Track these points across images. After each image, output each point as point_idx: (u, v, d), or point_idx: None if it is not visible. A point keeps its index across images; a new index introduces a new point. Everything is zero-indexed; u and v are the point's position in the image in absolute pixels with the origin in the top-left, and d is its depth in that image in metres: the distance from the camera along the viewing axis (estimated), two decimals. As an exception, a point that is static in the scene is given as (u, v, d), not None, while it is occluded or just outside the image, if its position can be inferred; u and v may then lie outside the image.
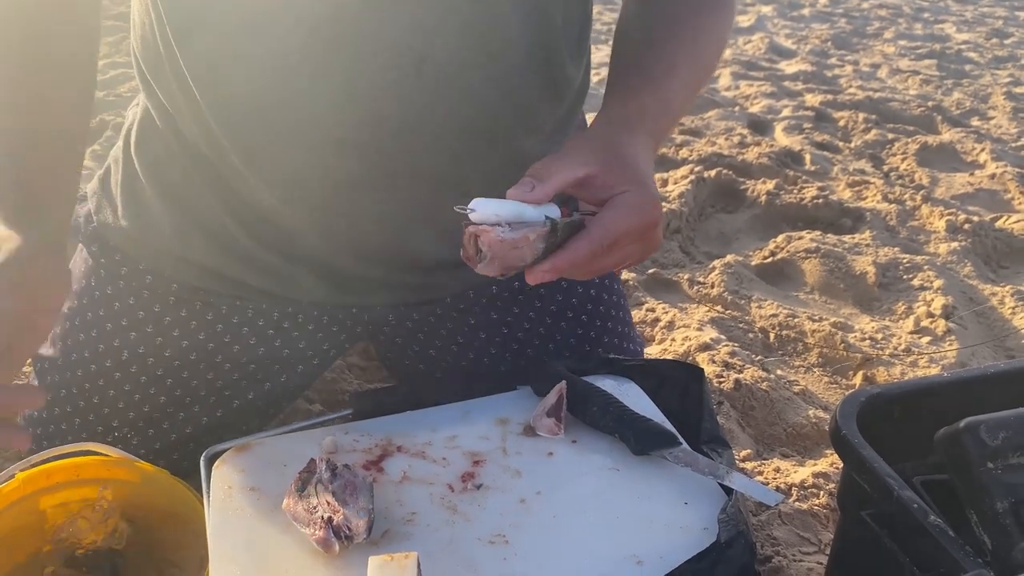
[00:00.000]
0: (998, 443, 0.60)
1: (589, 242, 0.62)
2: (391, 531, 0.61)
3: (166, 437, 0.89)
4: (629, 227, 0.64)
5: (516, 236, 0.57)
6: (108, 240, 0.87)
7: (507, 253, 0.58)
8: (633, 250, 0.66)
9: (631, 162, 0.67)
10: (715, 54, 0.82)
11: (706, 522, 0.62)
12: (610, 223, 0.63)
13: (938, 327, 1.46)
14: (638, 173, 0.66)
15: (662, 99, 0.74)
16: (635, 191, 0.65)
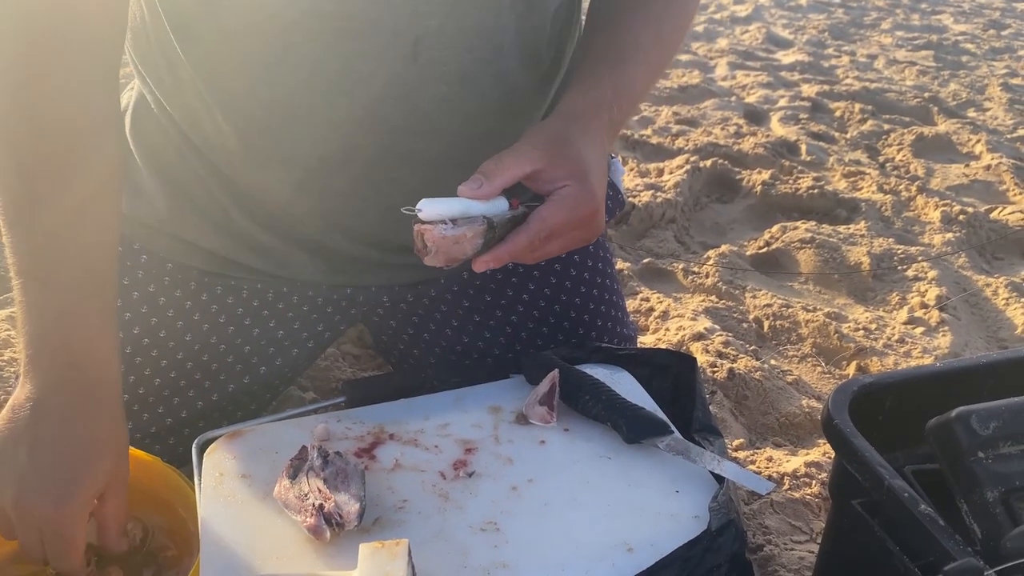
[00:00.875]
0: (989, 433, 0.60)
1: (527, 235, 0.68)
2: (382, 518, 0.61)
3: (160, 420, 0.88)
4: (566, 219, 0.69)
5: (456, 233, 0.63)
6: None
7: (450, 248, 0.64)
8: (574, 237, 0.71)
9: (576, 156, 0.70)
10: (679, 33, 0.86)
11: (697, 510, 0.62)
12: (548, 216, 0.68)
13: (931, 318, 1.46)
14: (581, 166, 0.70)
15: (621, 85, 0.77)
16: (574, 185, 0.69)
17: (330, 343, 1.02)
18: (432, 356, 0.95)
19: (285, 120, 0.75)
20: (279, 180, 0.79)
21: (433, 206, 0.64)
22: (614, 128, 0.78)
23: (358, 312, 0.96)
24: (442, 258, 0.64)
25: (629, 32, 0.80)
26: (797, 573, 0.90)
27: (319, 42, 0.71)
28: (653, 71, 0.83)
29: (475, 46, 0.75)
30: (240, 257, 0.85)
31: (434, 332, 0.94)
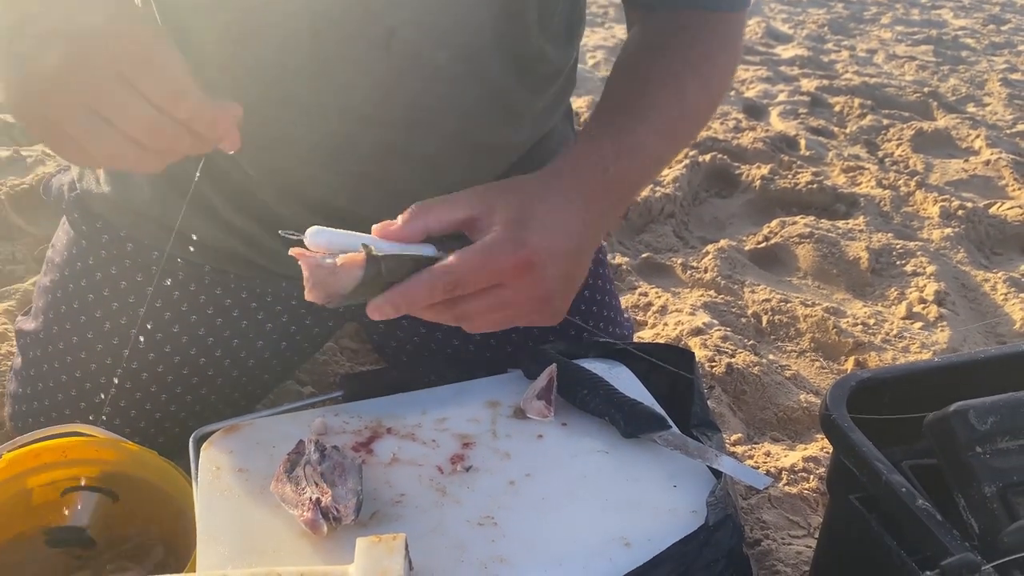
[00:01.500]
0: (987, 428, 0.60)
1: (429, 277, 0.58)
2: (380, 513, 0.61)
3: (149, 416, 0.88)
4: (476, 267, 0.59)
5: (331, 263, 0.56)
6: (90, 207, 0.86)
7: (325, 279, 0.56)
8: (505, 295, 0.61)
9: (519, 203, 0.62)
10: (706, 100, 0.78)
11: (695, 505, 0.62)
12: (456, 259, 0.58)
13: (930, 313, 1.46)
14: (520, 213, 0.61)
15: (626, 144, 0.69)
16: (502, 229, 0.60)
17: (322, 341, 1.02)
18: (424, 356, 0.94)
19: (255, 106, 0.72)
20: (256, 170, 0.78)
21: (321, 236, 0.56)
22: (613, 192, 0.69)
23: (348, 312, 0.95)
24: (320, 293, 0.57)
25: (643, 92, 0.73)
26: (795, 568, 0.90)
27: (289, 23, 0.69)
28: (672, 136, 0.74)
29: (451, 43, 0.72)
30: (226, 248, 0.84)
31: (424, 335, 0.94)
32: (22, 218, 1.47)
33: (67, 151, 0.55)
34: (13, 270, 1.35)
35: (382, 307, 0.58)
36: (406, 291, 0.58)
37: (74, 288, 0.86)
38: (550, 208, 0.63)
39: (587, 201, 0.66)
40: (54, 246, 0.91)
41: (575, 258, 0.65)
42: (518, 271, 0.60)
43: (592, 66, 2.75)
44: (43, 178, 1.55)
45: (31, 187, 1.51)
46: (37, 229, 1.45)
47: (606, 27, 3.30)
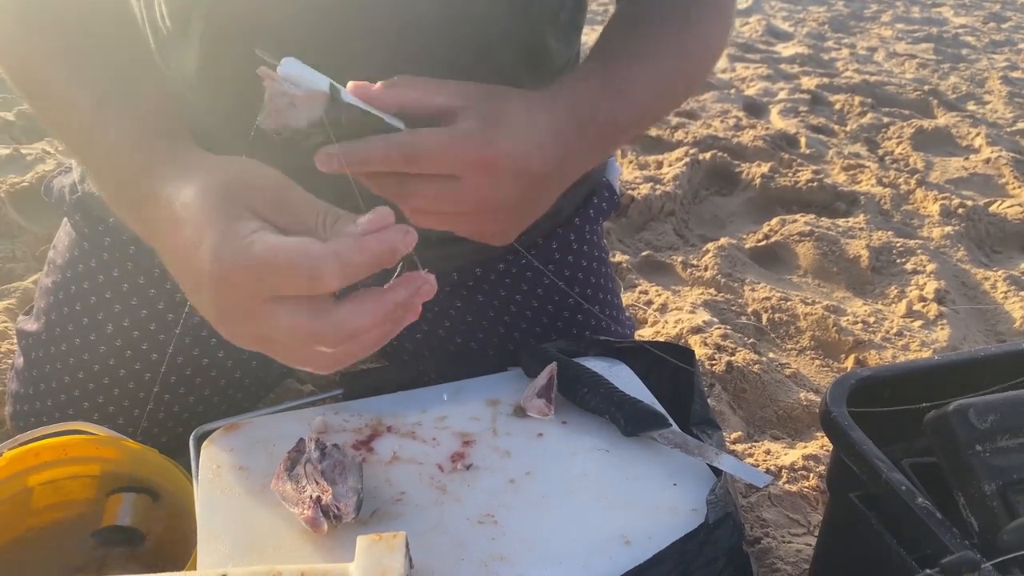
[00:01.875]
0: (986, 426, 0.60)
1: (387, 140, 0.56)
2: (380, 511, 0.61)
3: (152, 416, 0.88)
4: (440, 146, 0.56)
5: (296, 93, 0.53)
6: (92, 209, 0.86)
7: (285, 107, 0.54)
8: (457, 188, 0.58)
9: (503, 111, 0.60)
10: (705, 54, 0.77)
11: (695, 503, 0.62)
12: (421, 133, 0.56)
13: (930, 311, 1.46)
14: (499, 117, 0.59)
15: (618, 86, 0.68)
16: (475, 123, 0.57)
17: None
18: (426, 351, 0.94)
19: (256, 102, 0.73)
20: None
21: (292, 66, 0.54)
22: (599, 129, 0.67)
23: None
24: (275, 120, 0.54)
25: (639, 44, 0.72)
26: (795, 566, 0.90)
27: (304, 18, 0.68)
28: (666, 90, 0.73)
29: (466, 37, 0.72)
30: None
31: (426, 332, 0.94)
32: (22, 216, 1.47)
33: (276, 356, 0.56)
34: (13, 268, 1.35)
35: (333, 156, 0.56)
36: (361, 149, 0.56)
37: (76, 290, 0.86)
38: (531, 123, 0.61)
39: (572, 130, 0.64)
40: (55, 247, 0.91)
41: (541, 182, 0.63)
42: (478, 168, 0.58)
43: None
44: (43, 176, 1.55)
45: (31, 185, 1.51)
46: (37, 227, 1.45)
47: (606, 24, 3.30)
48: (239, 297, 0.49)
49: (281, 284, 0.48)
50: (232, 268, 0.48)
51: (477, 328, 0.92)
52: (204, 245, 0.49)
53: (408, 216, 0.61)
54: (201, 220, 0.50)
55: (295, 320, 0.49)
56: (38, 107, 0.66)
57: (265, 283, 0.48)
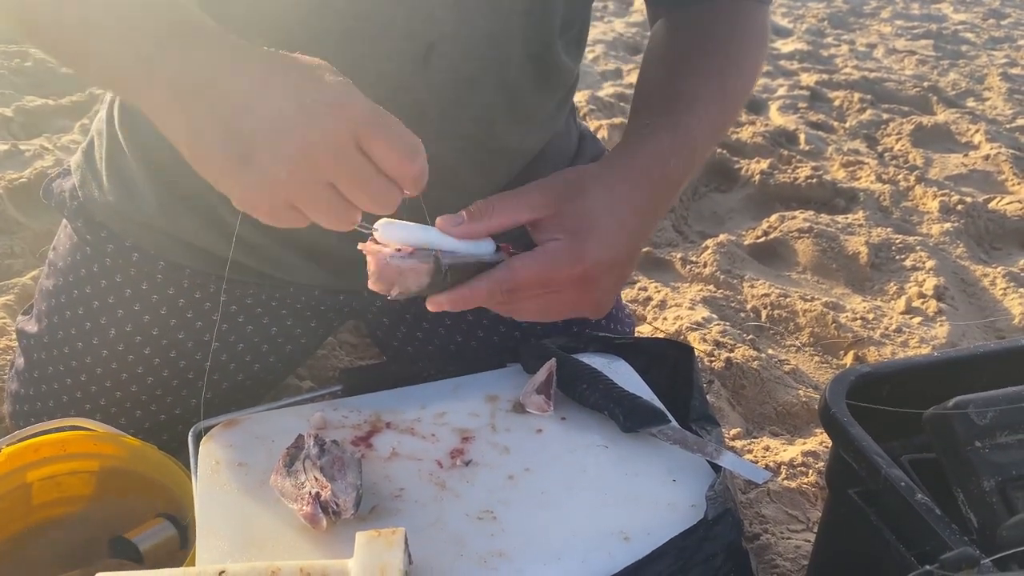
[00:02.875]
0: (986, 422, 0.60)
1: (488, 282, 0.61)
2: (379, 507, 0.61)
3: (154, 417, 0.88)
4: (537, 276, 0.62)
5: (401, 264, 0.58)
6: (94, 216, 0.86)
7: (391, 277, 0.58)
8: (556, 300, 0.64)
9: (584, 210, 0.63)
10: (743, 89, 0.78)
11: (694, 499, 0.62)
12: (517, 268, 0.62)
13: (929, 307, 1.46)
14: (584, 221, 0.63)
15: (679, 140, 0.70)
16: (564, 240, 0.62)
17: (324, 339, 1.02)
18: (426, 353, 0.95)
19: None
20: None
21: (391, 230, 0.58)
22: (670, 186, 0.70)
23: (351, 311, 0.96)
24: (384, 286, 0.59)
25: (688, 85, 0.73)
26: (793, 562, 0.90)
27: (326, 41, 0.69)
28: (715, 128, 0.75)
29: (484, 53, 0.73)
30: (235, 256, 0.85)
31: (427, 330, 0.94)
32: (21, 212, 1.47)
33: (287, 222, 0.56)
34: (12, 264, 1.35)
35: (443, 304, 0.61)
36: (468, 294, 0.61)
37: (78, 294, 0.86)
38: (614, 215, 0.64)
39: (646, 199, 0.67)
40: (56, 249, 0.91)
41: (628, 265, 0.68)
42: (573, 283, 0.63)
43: (592, 60, 2.74)
44: (41, 172, 1.55)
45: (30, 181, 1.51)
46: (36, 223, 1.45)
47: (605, 21, 3.29)
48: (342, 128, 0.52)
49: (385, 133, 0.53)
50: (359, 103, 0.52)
51: (478, 327, 0.92)
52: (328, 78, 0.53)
53: (512, 316, 0.66)
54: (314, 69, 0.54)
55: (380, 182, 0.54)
56: None
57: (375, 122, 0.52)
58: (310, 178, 0.53)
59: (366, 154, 0.53)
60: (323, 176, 0.53)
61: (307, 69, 0.54)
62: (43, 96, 1.98)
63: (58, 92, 2.01)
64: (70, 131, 1.83)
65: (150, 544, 0.74)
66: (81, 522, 0.79)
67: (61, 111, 1.93)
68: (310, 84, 0.53)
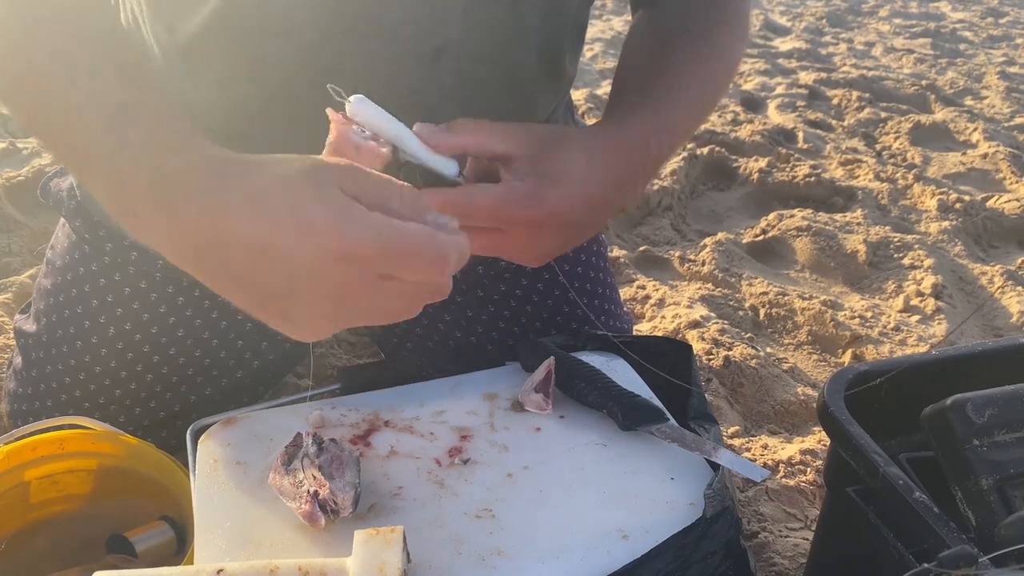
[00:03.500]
0: (984, 421, 0.60)
1: (441, 196, 0.59)
2: (378, 505, 0.61)
3: (153, 415, 0.88)
4: (492, 207, 0.59)
5: (359, 142, 0.54)
6: (92, 215, 0.86)
7: (347, 152, 0.55)
8: (501, 241, 0.62)
9: (559, 159, 0.62)
10: (725, 78, 0.78)
11: (692, 497, 0.62)
12: (475, 193, 0.59)
13: (927, 306, 1.46)
14: (555, 170, 0.61)
15: (662, 124, 0.69)
16: (530, 183, 0.60)
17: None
18: (425, 350, 0.95)
19: (292, 120, 0.73)
20: None
21: (366, 107, 0.55)
22: (649, 166, 0.70)
23: None
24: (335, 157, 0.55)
25: (671, 69, 0.73)
26: (792, 560, 0.90)
27: (337, 41, 0.69)
28: (696, 113, 0.75)
29: (495, 55, 0.73)
30: None
31: (426, 327, 0.94)
32: (18, 210, 1.46)
33: None
34: (9, 263, 1.35)
35: None
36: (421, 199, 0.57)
37: (77, 293, 0.86)
38: (586, 174, 0.63)
39: (623, 173, 0.66)
40: (54, 248, 0.91)
41: (580, 229, 0.66)
42: (526, 226, 0.61)
43: (590, 59, 2.74)
44: (39, 170, 1.55)
45: (27, 179, 1.51)
46: (34, 221, 1.45)
47: (604, 19, 3.29)
48: (359, 273, 0.48)
49: (407, 264, 0.48)
50: (361, 245, 0.47)
51: (476, 323, 0.92)
52: (318, 224, 0.47)
53: None
54: (297, 203, 0.47)
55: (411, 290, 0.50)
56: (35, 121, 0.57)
57: (391, 261, 0.48)
58: (356, 318, 0.52)
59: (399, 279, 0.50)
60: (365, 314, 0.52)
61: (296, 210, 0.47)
62: (41, 94, 1.97)
63: (56, 90, 2.01)
64: (68, 129, 1.82)
65: (147, 545, 0.74)
66: (79, 521, 0.79)
67: (59, 109, 1.92)
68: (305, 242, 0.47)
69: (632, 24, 0.82)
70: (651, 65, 0.74)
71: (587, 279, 0.94)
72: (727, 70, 0.79)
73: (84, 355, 0.85)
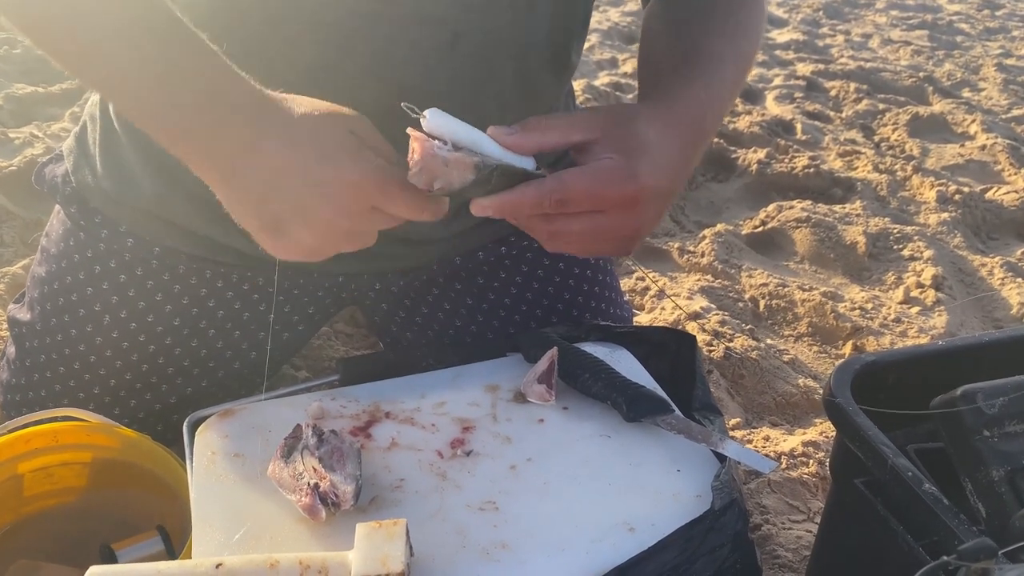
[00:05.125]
0: (995, 411, 0.59)
1: (537, 189, 0.59)
2: (379, 498, 0.60)
3: (149, 406, 0.87)
4: (588, 189, 0.60)
5: (448, 155, 0.56)
6: (87, 201, 0.85)
7: (436, 168, 0.57)
8: (602, 222, 0.62)
9: (635, 134, 0.62)
10: (753, 52, 0.78)
11: (699, 489, 0.61)
12: (568, 179, 0.60)
13: (927, 297, 1.46)
14: (636, 143, 0.62)
15: (709, 96, 0.69)
16: (616, 159, 0.61)
17: (321, 326, 1.00)
18: (425, 339, 0.93)
19: None
20: None
21: (441, 119, 0.57)
22: (703, 136, 0.69)
23: (349, 296, 0.94)
24: (425, 178, 0.57)
25: (709, 45, 0.73)
26: (795, 552, 0.90)
27: (354, 24, 0.69)
28: (735, 91, 0.75)
29: (509, 45, 0.73)
30: (229, 241, 0.83)
31: (426, 315, 0.93)
32: (11, 201, 1.45)
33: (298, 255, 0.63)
34: (2, 254, 1.33)
35: (487, 207, 0.60)
36: (515, 198, 0.60)
37: (72, 280, 0.84)
38: (664, 146, 0.63)
39: (689, 141, 0.66)
40: (48, 235, 0.89)
41: (665, 200, 0.66)
42: (623, 203, 0.61)
43: (587, 50, 2.72)
44: (31, 160, 1.53)
45: (19, 169, 1.49)
46: (26, 212, 1.43)
47: (601, 10, 3.27)
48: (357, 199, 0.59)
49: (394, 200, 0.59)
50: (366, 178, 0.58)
51: (477, 311, 0.91)
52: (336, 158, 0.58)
53: (549, 247, 0.66)
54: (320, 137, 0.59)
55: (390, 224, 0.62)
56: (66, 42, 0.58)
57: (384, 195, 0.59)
58: (335, 239, 0.61)
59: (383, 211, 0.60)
60: (345, 235, 0.61)
61: (320, 142, 0.58)
62: (32, 84, 1.95)
63: (48, 80, 1.99)
64: (60, 119, 1.80)
65: (134, 558, 0.73)
66: (75, 514, 0.78)
67: (51, 99, 1.90)
68: (326, 165, 0.58)
69: (647, 13, 0.82)
70: (685, 47, 0.73)
71: (587, 267, 0.93)
72: (754, 48, 0.79)
73: (79, 344, 0.84)
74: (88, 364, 0.85)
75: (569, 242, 0.64)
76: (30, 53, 2.12)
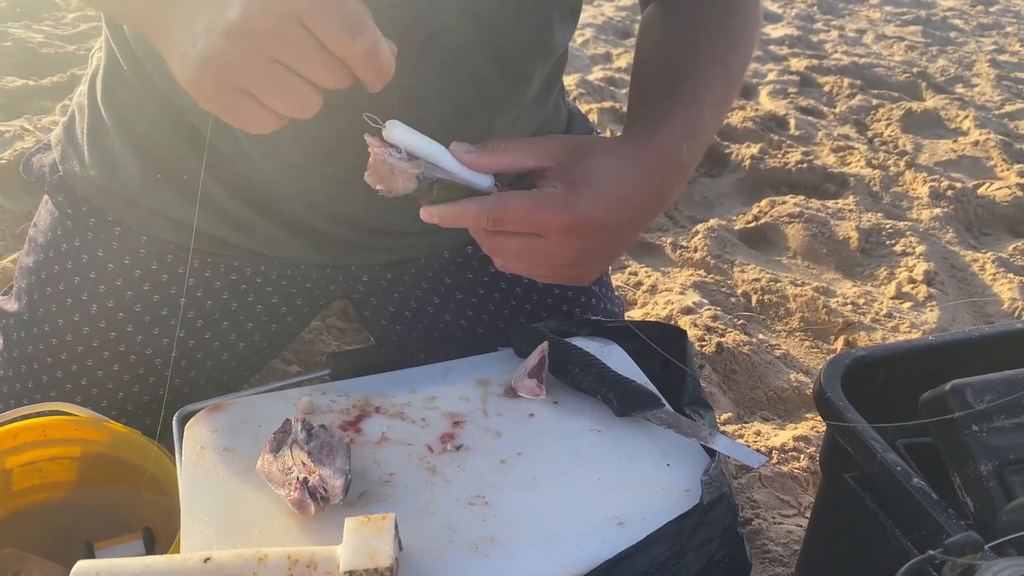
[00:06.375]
0: (983, 406, 0.59)
1: (478, 205, 0.62)
2: (368, 492, 0.60)
3: (137, 399, 0.87)
4: (523, 211, 0.62)
5: (395, 163, 0.60)
6: (75, 190, 0.84)
7: (383, 174, 0.60)
8: (539, 245, 0.64)
9: (589, 169, 0.64)
10: (742, 71, 0.78)
11: (688, 484, 0.61)
12: (508, 198, 0.63)
13: (919, 293, 1.46)
14: (586, 178, 0.64)
15: (691, 124, 0.70)
16: (559, 188, 0.63)
17: (310, 319, 1.00)
18: (415, 333, 0.93)
19: None
20: (261, 156, 0.76)
21: (398, 130, 0.60)
22: (681, 171, 0.70)
23: (338, 288, 0.94)
24: (375, 179, 0.61)
25: (695, 67, 0.73)
26: (785, 547, 0.90)
27: None
28: (721, 111, 0.75)
29: (485, 45, 0.73)
30: (217, 231, 0.83)
31: (415, 309, 0.92)
32: (1, 194, 1.44)
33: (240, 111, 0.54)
34: (-9, 247, 1.33)
35: (433, 216, 0.63)
36: (457, 210, 0.63)
37: (59, 270, 0.84)
38: (616, 180, 0.65)
39: (656, 181, 0.68)
40: (36, 225, 0.89)
41: (619, 234, 0.67)
42: (559, 230, 0.63)
43: (581, 44, 2.72)
44: (21, 154, 1.52)
45: (9, 163, 1.48)
46: (16, 206, 1.42)
47: (595, 5, 3.27)
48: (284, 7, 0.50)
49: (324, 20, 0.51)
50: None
51: (466, 305, 0.91)
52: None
53: (497, 264, 0.68)
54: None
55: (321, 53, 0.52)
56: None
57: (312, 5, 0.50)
58: (252, 54, 0.51)
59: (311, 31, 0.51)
60: (265, 51, 0.51)
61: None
62: (23, 77, 1.94)
63: (38, 73, 1.98)
64: (51, 112, 1.79)
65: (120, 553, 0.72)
66: (64, 509, 0.78)
67: (41, 92, 1.89)
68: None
69: (644, 20, 0.81)
70: (673, 67, 0.74)
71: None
72: (745, 63, 0.78)
73: (66, 334, 0.84)
74: (75, 355, 0.84)
75: (507, 260, 0.67)
76: (21, 46, 2.10)
